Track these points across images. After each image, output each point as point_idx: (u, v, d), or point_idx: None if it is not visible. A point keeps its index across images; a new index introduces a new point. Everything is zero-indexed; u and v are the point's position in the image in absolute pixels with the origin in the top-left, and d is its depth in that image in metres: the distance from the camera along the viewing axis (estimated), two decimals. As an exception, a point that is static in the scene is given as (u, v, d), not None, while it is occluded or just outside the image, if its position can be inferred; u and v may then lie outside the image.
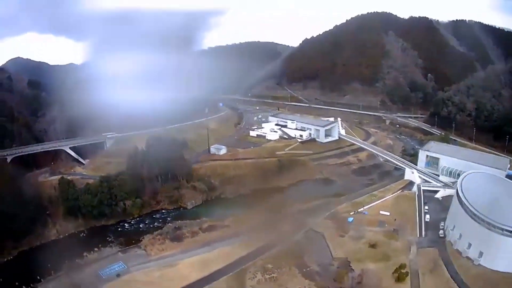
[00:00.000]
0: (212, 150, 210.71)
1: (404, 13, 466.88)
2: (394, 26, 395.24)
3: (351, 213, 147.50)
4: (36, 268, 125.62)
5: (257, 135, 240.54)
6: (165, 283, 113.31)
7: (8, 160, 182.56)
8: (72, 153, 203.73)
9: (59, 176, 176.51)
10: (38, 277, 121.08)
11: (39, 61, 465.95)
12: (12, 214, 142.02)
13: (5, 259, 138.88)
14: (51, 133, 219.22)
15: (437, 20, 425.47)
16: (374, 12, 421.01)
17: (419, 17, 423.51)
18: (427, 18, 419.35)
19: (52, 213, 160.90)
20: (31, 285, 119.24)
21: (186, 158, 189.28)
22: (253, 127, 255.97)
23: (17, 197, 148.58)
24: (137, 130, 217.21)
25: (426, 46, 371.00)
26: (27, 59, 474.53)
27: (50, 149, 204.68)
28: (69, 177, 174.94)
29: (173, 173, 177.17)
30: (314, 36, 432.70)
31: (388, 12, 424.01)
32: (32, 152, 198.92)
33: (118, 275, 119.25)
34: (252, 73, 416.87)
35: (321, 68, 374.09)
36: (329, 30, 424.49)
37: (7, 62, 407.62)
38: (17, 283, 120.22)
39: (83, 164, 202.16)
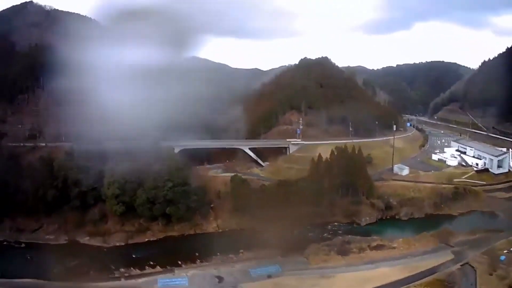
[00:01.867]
0: (395, 169, 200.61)
1: None
2: None
3: (505, 252, 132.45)
4: (180, 254, 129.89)
5: (438, 159, 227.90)
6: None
7: (176, 150, 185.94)
8: (251, 154, 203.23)
9: (233, 174, 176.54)
10: (179, 262, 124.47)
11: (219, 63, 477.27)
12: (170, 201, 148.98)
13: (146, 240, 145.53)
14: (231, 132, 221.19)
15: None
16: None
17: None
18: None
19: (217, 207, 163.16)
20: (167, 267, 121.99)
21: (369, 174, 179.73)
22: (436, 151, 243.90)
23: (180, 186, 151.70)
24: (321, 139, 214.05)
25: None
26: (205, 59, 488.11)
27: (227, 147, 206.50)
28: (243, 176, 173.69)
29: (354, 187, 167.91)
30: (491, 58, 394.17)
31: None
32: (204, 147, 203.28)
33: (269, 276, 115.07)
34: (437, 94, 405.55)
35: (497, 95, 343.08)
36: (502, 52, 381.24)
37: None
38: (151, 262, 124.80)
39: (262, 166, 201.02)
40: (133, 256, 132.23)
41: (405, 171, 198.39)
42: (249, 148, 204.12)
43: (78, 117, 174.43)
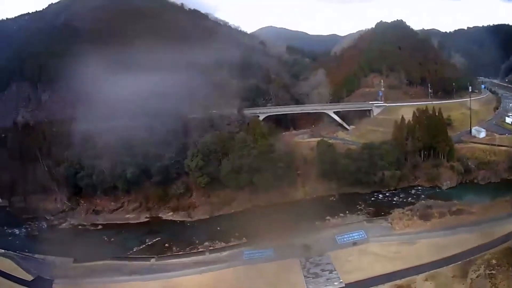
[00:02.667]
0: (473, 131, 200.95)
1: None
2: None
3: None
4: (266, 223, 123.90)
5: (511, 122, 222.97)
6: (397, 260, 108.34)
7: (261, 118, 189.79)
8: (336, 118, 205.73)
9: (319, 138, 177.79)
10: (265, 232, 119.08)
11: (296, 31, 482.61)
12: (256, 169, 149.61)
13: (232, 211, 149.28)
14: (314, 97, 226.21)
15: None
16: None
17: None
18: None
19: (304, 173, 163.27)
20: (253, 238, 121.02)
21: (450, 136, 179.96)
22: (509, 114, 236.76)
23: (266, 153, 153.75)
24: (402, 101, 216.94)
25: None
26: (281, 28, 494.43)
27: (311, 111, 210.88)
28: (330, 141, 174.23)
29: (435, 150, 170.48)
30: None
31: None
32: (289, 112, 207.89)
33: (354, 243, 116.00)
34: (506, 57, 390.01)
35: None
36: None
37: (257, 30, 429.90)
38: (237, 234, 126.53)
39: (347, 129, 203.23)
40: (218, 228, 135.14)
41: (482, 134, 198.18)
42: (334, 112, 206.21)
43: (158, 91, 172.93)
